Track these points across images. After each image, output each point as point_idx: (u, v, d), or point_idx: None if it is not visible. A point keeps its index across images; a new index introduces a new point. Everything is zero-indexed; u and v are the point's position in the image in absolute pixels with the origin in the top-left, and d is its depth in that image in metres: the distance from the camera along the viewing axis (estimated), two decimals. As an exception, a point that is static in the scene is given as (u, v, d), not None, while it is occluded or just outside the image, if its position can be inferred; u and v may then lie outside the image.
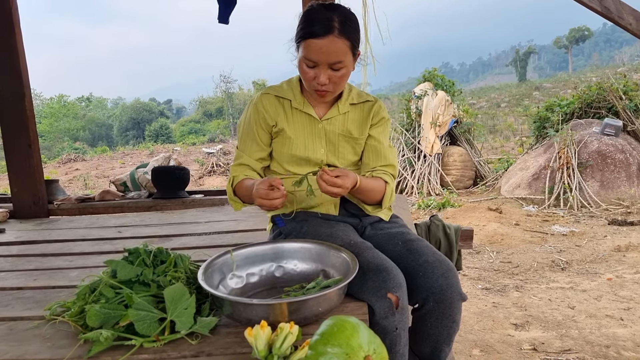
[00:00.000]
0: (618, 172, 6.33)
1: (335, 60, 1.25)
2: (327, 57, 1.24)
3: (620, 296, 3.16)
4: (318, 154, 1.41)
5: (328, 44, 1.22)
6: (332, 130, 1.42)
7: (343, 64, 1.27)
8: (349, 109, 1.44)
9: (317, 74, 1.27)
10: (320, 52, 1.23)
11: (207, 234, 2.11)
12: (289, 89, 1.43)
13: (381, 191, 1.37)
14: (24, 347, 0.98)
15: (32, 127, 2.89)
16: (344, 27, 1.23)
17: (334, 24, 1.22)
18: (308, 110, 1.41)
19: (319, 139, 1.42)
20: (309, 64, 1.27)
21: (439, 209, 6.51)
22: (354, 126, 1.44)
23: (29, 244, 2.14)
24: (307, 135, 1.41)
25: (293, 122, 1.42)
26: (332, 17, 1.23)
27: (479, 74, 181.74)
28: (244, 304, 0.96)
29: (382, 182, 1.38)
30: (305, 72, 1.29)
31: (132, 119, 33.06)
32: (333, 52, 1.23)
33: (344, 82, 1.33)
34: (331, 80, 1.29)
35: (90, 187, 11.10)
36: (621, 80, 7.55)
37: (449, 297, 1.21)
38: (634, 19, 2.29)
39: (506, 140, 15.37)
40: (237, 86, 30.55)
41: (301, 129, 1.41)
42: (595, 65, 50.20)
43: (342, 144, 1.43)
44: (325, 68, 1.26)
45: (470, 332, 2.72)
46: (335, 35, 1.22)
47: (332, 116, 1.42)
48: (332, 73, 1.28)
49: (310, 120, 1.42)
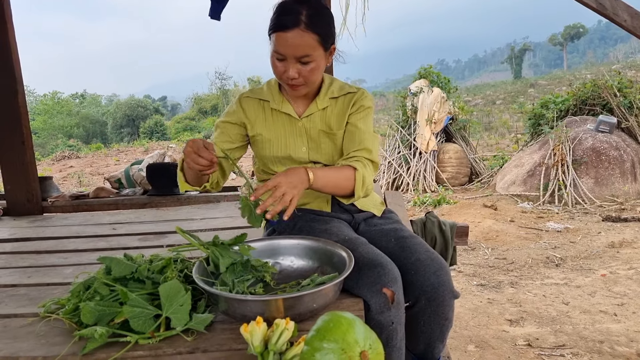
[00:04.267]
0: (612, 168, 6.36)
1: (302, 54, 1.22)
2: (293, 51, 1.22)
3: (614, 292, 3.19)
4: (300, 153, 1.40)
5: (294, 37, 1.20)
6: (312, 127, 1.39)
7: (311, 57, 1.24)
8: (329, 103, 1.40)
9: (286, 68, 1.25)
10: (287, 45, 1.21)
11: (202, 231, 2.10)
12: (267, 91, 1.41)
13: (348, 180, 1.24)
14: (18, 345, 0.98)
15: (26, 124, 2.86)
16: (311, 20, 1.21)
17: (301, 17, 1.20)
18: (287, 109, 1.39)
19: (300, 138, 1.40)
20: (278, 57, 1.25)
21: (434, 206, 6.52)
22: (334, 120, 1.39)
23: (23, 241, 2.12)
24: (287, 135, 1.40)
25: (273, 123, 1.40)
26: (301, 10, 1.20)
27: (474, 71, 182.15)
28: (239, 300, 0.96)
29: (349, 170, 1.25)
30: (276, 66, 1.27)
31: (127, 116, 32.83)
32: (299, 46, 1.21)
33: (315, 76, 1.29)
34: (301, 74, 1.26)
35: (85, 185, 11.02)
36: (615, 78, 7.58)
37: (441, 295, 1.21)
38: (628, 16, 2.30)
39: (501, 137, 15.42)
40: (233, 83, 30.42)
41: (282, 129, 1.40)
42: (590, 62, 50.36)
43: (323, 140, 1.40)
44: (294, 62, 1.24)
45: (465, 328, 2.73)
46: (302, 28, 1.20)
47: (311, 113, 1.39)
48: (301, 67, 1.25)
49: (290, 119, 1.40)
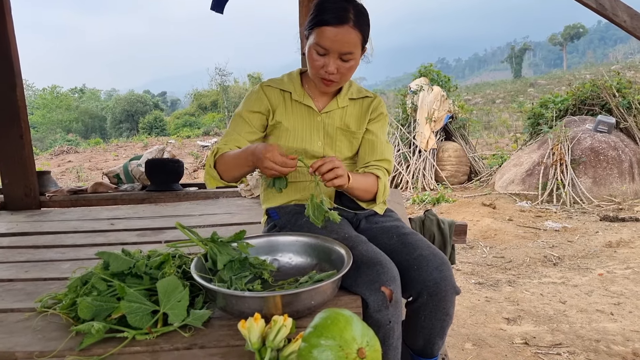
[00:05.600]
0: (610, 168, 6.38)
1: (347, 50, 1.26)
2: (339, 47, 1.25)
3: (611, 291, 3.20)
4: (315, 147, 1.42)
5: (343, 33, 1.23)
6: (330, 123, 1.42)
7: (353, 55, 1.28)
8: (348, 104, 1.45)
9: (326, 63, 1.28)
10: (334, 40, 1.24)
11: (201, 227, 2.10)
12: (289, 82, 1.44)
13: (374, 186, 1.34)
14: (14, 339, 0.97)
15: (24, 118, 2.86)
16: (358, 19, 1.25)
17: (349, 14, 1.23)
18: (308, 102, 1.42)
19: (317, 132, 1.42)
20: (320, 51, 1.27)
21: (433, 204, 6.53)
22: (352, 120, 1.45)
23: (20, 235, 2.12)
24: (305, 128, 1.42)
25: (292, 114, 1.42)
26: (348, 8, 1.24)
27: (474, 70, 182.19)
28: (237, 297, 0.96)
29: (373, 177, 1.35)
30: (315, 60, 1.29)
31: (126, 111, 32.74)
32: (346, 42, 1.24)
33: (351, 74, 1.34)
34: (339, 71, 1.29)
35: (83, 180, 11.00)
36: (615, 78, 7.59)
37: (443, 291, 1.21)
38: (628, 16, 2.30)
39: (501, 136, 15.44)
40: (233, 79, 30.36)
41: (300, 120, 1.42)
42: (589, 62, 50.40)
43: (339, 138, 1.44)
44: (336, 57, 1.27)
45: (463, 326, 2.74)
46: (351, 25, 1.23)
47: (331, 109, 1.43)
48: (341, 64, 1.29)
49: (310, 112, 1.42)
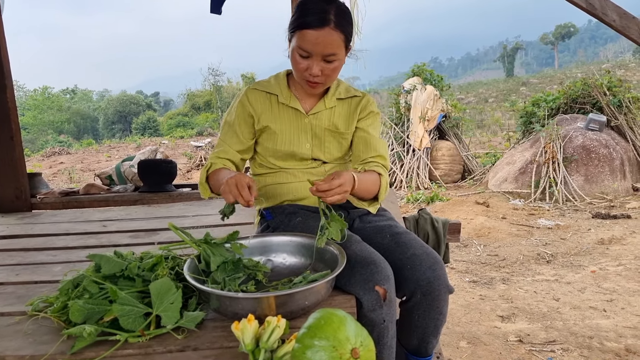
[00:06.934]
0: (602, 166, 6.43)
1: (330, 52, 1.25)
2: (322, 49, 1.24)
3: (604, 288, 3.22)
4: (303, 149, 1.41)
5: (324, 35, 1.22)
6: (318, 124, 1.41)
7: (336, 56, 1.27)
8: (336, 104, 1.44)
9: (309, 65, 1.27)
10: (316, 43, 1.23)
11: (194, 228, 2.09)
12: (276, 84, 1.43)
13: (377, 184, 1.32)
14: (5, 344, 0.96)
15: (14, 119, 2.82)
16: (339, 20, 1.24)
17: (330, 16, 1.22)
18: (295, 104, 1.40)
19: (305, 134, 1.41)
20: (303, 54, 1.26)
21: (427, 203, 6.55)
22: (341, 121, 1.43)
23: (11, 238, 2.09)
24: (292, 130, 1.41)
25: (279, 117, 1.41)
26: (329, 10, 1.23)
27: (467, 69, 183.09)
28: (230, 298, 0.95)
29: (376, 175, 1.32)
30: (298, 63, 1.28)
31: (119, 111, 32.53)
32: (328, 44, 1.24)
33: (336, 74, 1.33)
34: (323, 73, 1.29)
35: (75, 181, 10.92)
36: (605, 77, 7.65)
37: (436, 290, 1.21)
38: (617, 15, 2.31)
39: (493, 135, 15.53)
40: (226, 79, 30.26)
41: (287, 123, 1.41)
42: (580, 61, 50.84)
43: (328, 139, 1.43)
44: (319, 59, 1.26)
45: (457, 324, 2.75)
46: (332, 27, 1.22)
47: (319, 111, 1.42)
48: (325, 65, 1.28)
49: (297, 114, 1.41)
